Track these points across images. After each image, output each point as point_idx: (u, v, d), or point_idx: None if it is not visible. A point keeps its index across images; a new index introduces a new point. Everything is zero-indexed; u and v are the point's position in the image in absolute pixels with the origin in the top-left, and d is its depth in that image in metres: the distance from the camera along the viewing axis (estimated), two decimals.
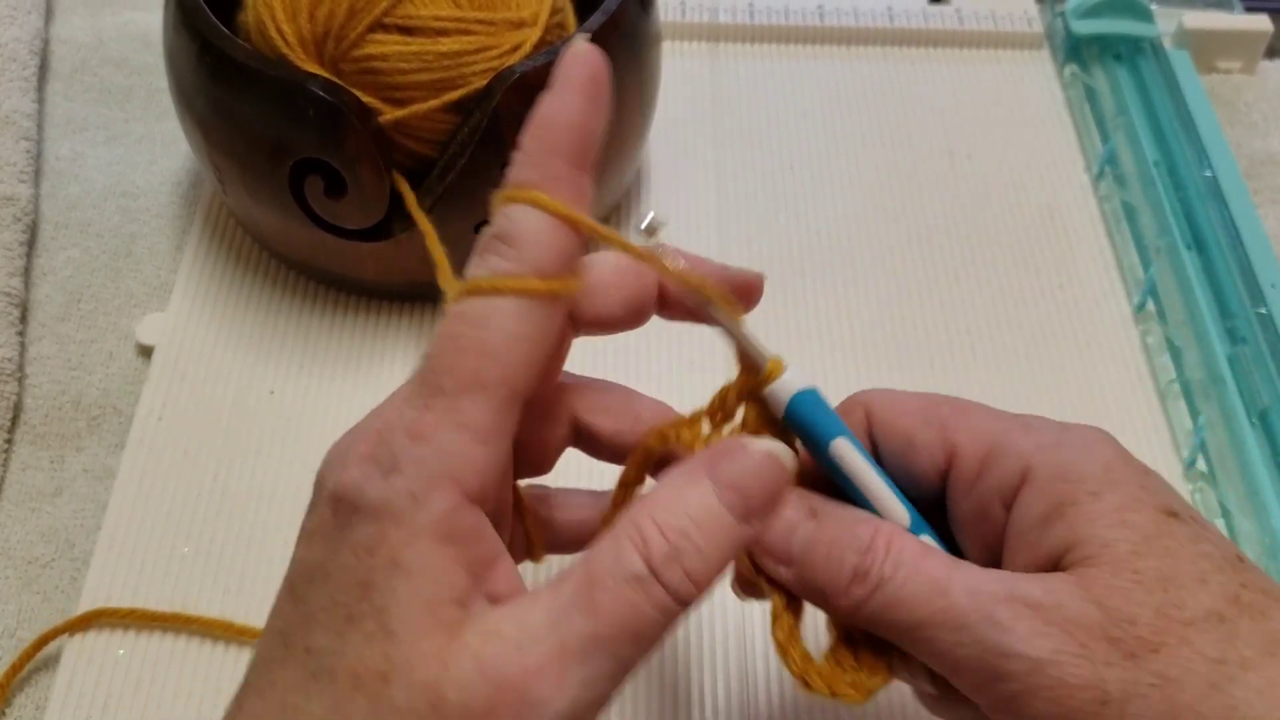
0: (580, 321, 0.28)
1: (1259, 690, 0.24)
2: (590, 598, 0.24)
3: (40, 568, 0.43)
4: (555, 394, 0.31)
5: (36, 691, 0.40)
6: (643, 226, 0.28)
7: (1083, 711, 0.25)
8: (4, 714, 0.40)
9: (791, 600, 0.29)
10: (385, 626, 0.24)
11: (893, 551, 0.27)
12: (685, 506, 0.26)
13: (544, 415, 0.30)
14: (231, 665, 0.39)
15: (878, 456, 0.30)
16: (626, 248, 0.28)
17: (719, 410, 0.30)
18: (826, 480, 0.30)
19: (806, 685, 0.29)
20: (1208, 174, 0.54)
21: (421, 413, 0.25)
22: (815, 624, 0.30)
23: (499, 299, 0.25)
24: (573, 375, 0.31)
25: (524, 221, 0.26)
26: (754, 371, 0.29)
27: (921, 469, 0.30)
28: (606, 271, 0.28)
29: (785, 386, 0.29)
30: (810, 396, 0.29)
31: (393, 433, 0.25)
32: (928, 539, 0.29)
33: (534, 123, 0.26)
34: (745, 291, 0.31)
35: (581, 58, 0.26)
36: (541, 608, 0.25)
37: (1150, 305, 0.51)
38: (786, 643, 0.29)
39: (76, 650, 0.40)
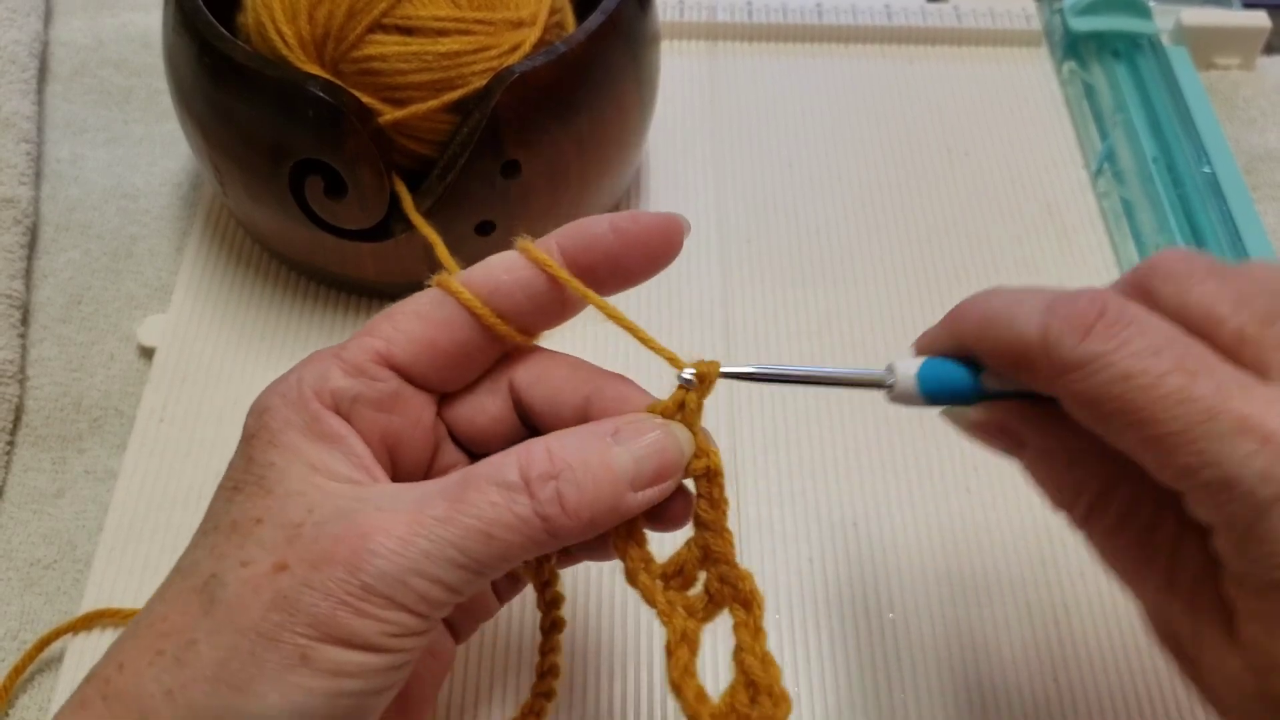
0: (507, 320, 0.31)
1: None
2: (458, 489, 0.27)
3: (42, 569, 0.43)
4: (496, 366, 0.32)
5: (39, 693, 0.40)
6: (686, 375, 0.30)
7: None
8: (7, 715, 0.40)
9: (686, 635, 0.29)
10: (264, 487, 0.28)
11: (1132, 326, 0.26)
12: (581, 448, 0.28)
13: (479, 386, 0.32)
14: None
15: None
16: (596, 301, 0.31)
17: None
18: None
19: None
20: (1206, 170, 0.54)
21: (325, 348, 0.31)
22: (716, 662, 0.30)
23: (434, 289, 0.30)
24: (532, 346, 0.32)
25: (502, 256, 0.31)
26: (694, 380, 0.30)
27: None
28: (498, 270, 0.30)
29: (909, 387, 0.30)
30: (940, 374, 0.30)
31: (303, 360, 0.31)
32: None
33: (581, 224, 0.31)
34: (661, 244, 0.31)
35: (670, 224, 0.31)
36: (412, 489, 0.28)
37: None
38: (680, 681, 0.29)
39: (79, 651, 0.40)
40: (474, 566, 0.27)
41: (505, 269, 0.30)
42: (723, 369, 0.30)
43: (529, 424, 0.32)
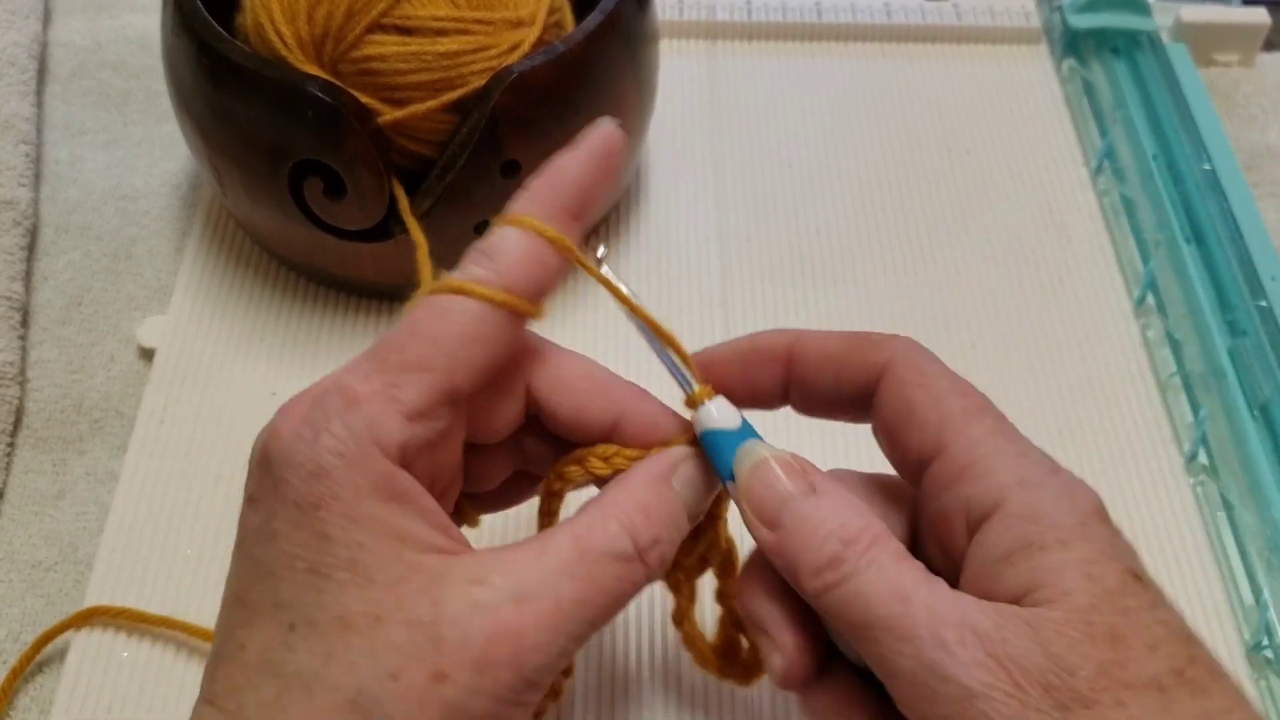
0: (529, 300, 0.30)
1: None
2: (583, 568, 0.27)
3: (43, 571, 0.43)
4: (512, 365, 0.31)
5: (41, 694, 0.40)
6: (599, 254, 0.30)
7: None
8: (8, 716, 0.40)
9: (688, 602, 0.35)
10: (362, 574, 0.25)
11: (874, 549, 0.27)
12: (660, 504, 0.29)
13: (496, 387, 0.31)
14: None
15: (876, 408, 0.31)
16: (606, 283, 0.31)
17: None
18: None
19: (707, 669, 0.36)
20: (1206, 167, 0.54)
21: (360, 382, 0.27)
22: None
23: (464, 299, 0.28)
24: (537, 338, 0.32)
25: (505, 240, 0.29)
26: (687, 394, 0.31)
27: (910, 447, 0.30)
28: (519, 261, 0.29)
29: (701, 420, 0.31)
30: (711, 439, 0.30)
31: (328, 396, 0.27)
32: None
33: (545, 170, 0.30)
34: (603, 155, 0.30)
35: (604, 133, 0.30)
36: (531, 567, 0.27)
37: (1150, 299, 0.51)
38: (693, 636, 0.35)
39: (80, 651, 0.40)
40: (598, 629, 0.28)
41: (525, 252, 0.29)
42: (598, 253, 0.31)
43: (541, 422, 0.32)
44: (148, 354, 0.48)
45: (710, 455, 0.31)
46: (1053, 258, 0.53)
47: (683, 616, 0.35)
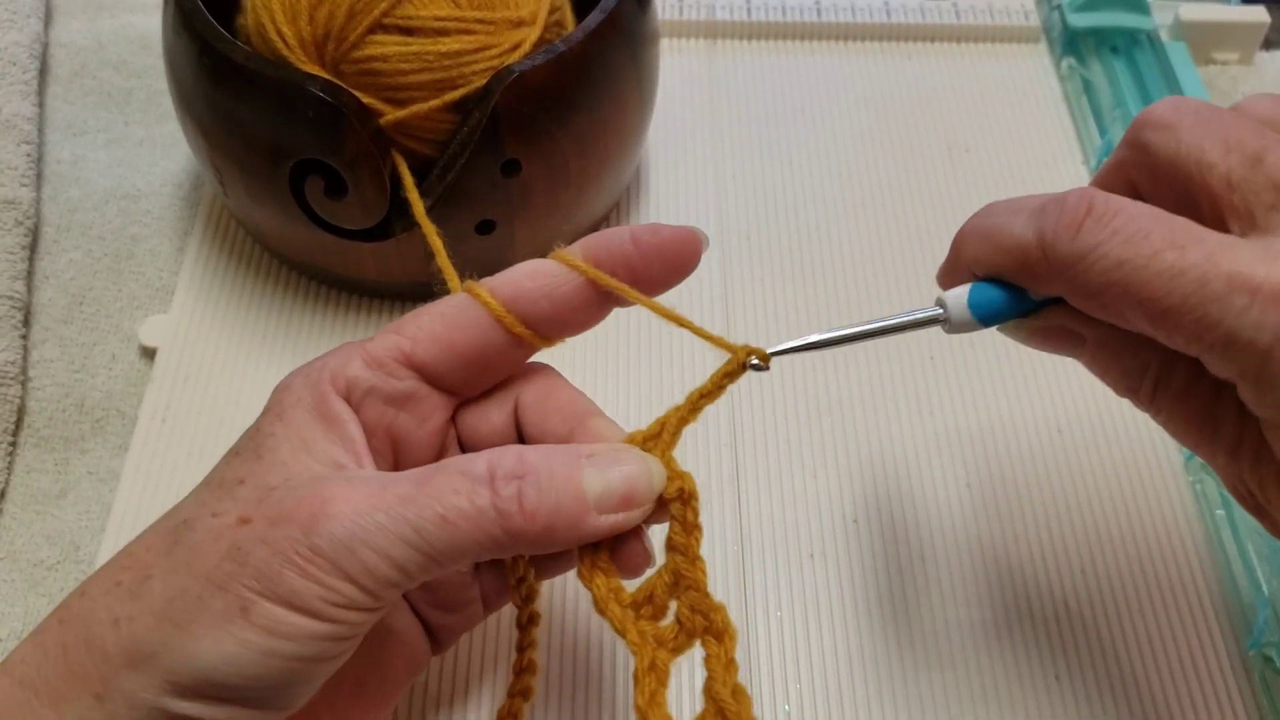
0: (530, 326, 0.32)
1: None
2: (425, 474, 0.28)
3: (46, 570, 0.43)
4: (506, 378, 0.33)
5: None
6: (754, 362, 0.31)
7: None
8: None
9: (655, 665, 0.29)
10: (256, 453, 0.29)
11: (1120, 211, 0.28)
12: (551, 459, 0.29)
13: (490, 397, 0.33)
14: None
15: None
16: (636, 297, 0.32)
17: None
18: None
19: None
20: None
21: (357, 340, 0.32)
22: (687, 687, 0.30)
23: (461, 294, 0.32)
24: (539, 365, 0.34)
25: (526, 263, 0.32)
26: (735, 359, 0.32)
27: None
28: (521, 277, 0.31)
29: (960, 317, 0.32)
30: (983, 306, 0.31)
31: (332, 349, 0.32)
32: None
33: (610, 232, 0.32)
34: (678, 257, 0.32)
35: (688, 238, 0.32)
36: (388, 474, 0.29)
37: None
38: (647, 709, 0.28)
39: None
40: (426, 549, 0.27)
41: (529, 275, 0.31)
42: (776, 349, 0.31)
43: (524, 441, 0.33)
44: (149, 353, 0.49)
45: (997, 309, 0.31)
46: None
47: (638, 685, 0.28)
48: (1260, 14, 0.62)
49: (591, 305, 0.32)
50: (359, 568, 0.27)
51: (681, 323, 0.32)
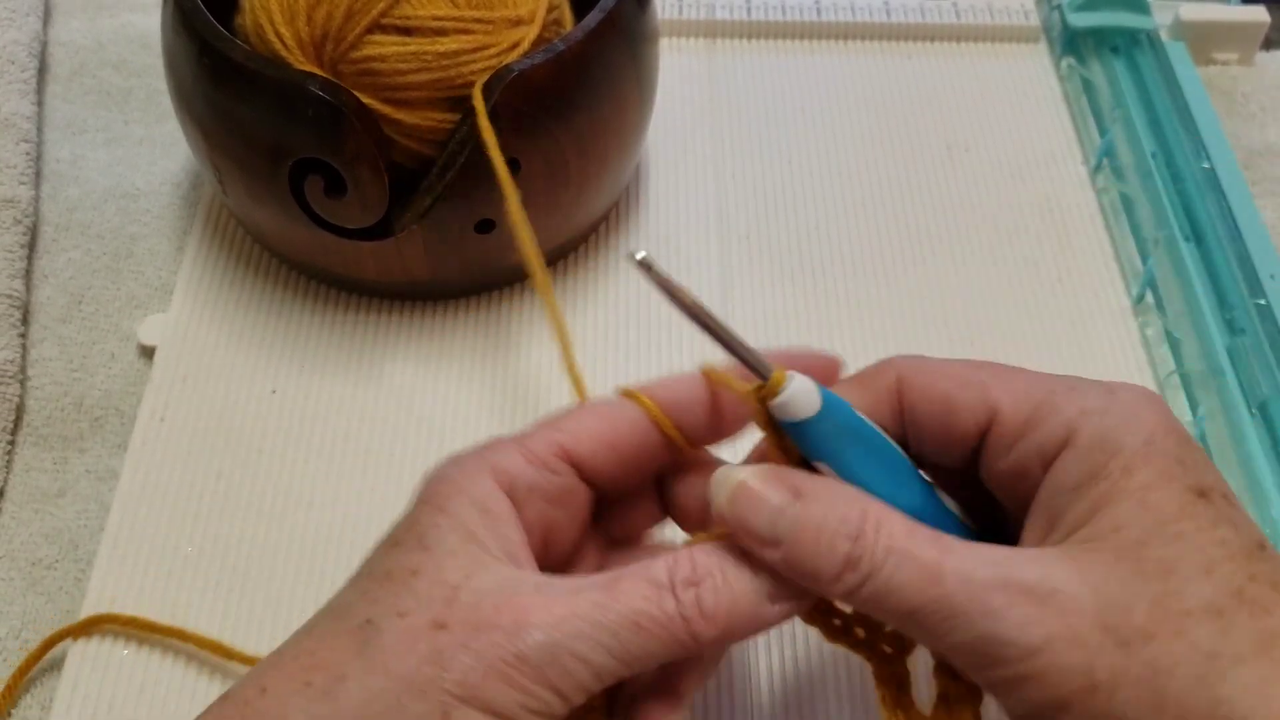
0: (684, 431, 0.32)
1: (1247, 686, 0.24)
2: (611, 581, 0.28)
3: (44, 569, 0.43)
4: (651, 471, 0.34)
5: (42, 692, 0.40)
6: (639, 257, 0.30)
7: (1072, 697, 0.25)
8: (9, 715, 0.40)
9: (886, 662, 0.31)
10: (422, 544, 0.29)
11: (882, 535, 0.27)
12: (723, 559, 0.29)
13: (639, 489, 0.34)
14: (236, 670, 0.40)
15: (907, 419, 0.31)
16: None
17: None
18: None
19: None
20: (1205, 165, 0.54)
21: (508, 436, 0.32)
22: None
23: (619, 398, 0.32)
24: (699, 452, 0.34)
25: (683, 375, 0.32)
26: (760, 383, 0.30)
27: (962, 429, 0.30)
28: (679, 386, 0.32)
29: (779, 409, 0.30)
30: (797, 427, 0.30)
31: (481, 443, 0.32)
32: (913, 521, 0.29)
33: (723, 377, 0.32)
34: (824, 376, 0.32)
35: (825, 361, 0.33)
36: (567, 579, 0.29)
37: (1149, 297, 0.51)
38: (890, 716, 0.31)
39: (80, 654, 0.40)
40: (621, 654, 0.27)
41: (686, 385, 0.32)
42: (636, 256, 0.30)
43: (675, 519, 0.34)
44: (148, 352, 0.49)
45: (795, 441, 0.30)
46: (1051, 255, 0.53)
47: (881, 699, 0.31)
48: (1260, 14, 0.62)
49: (736, 418, 0.32)
50: (561, 674, 0.27)
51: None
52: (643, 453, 0.32)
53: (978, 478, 0.31)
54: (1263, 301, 0.49)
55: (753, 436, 0.32)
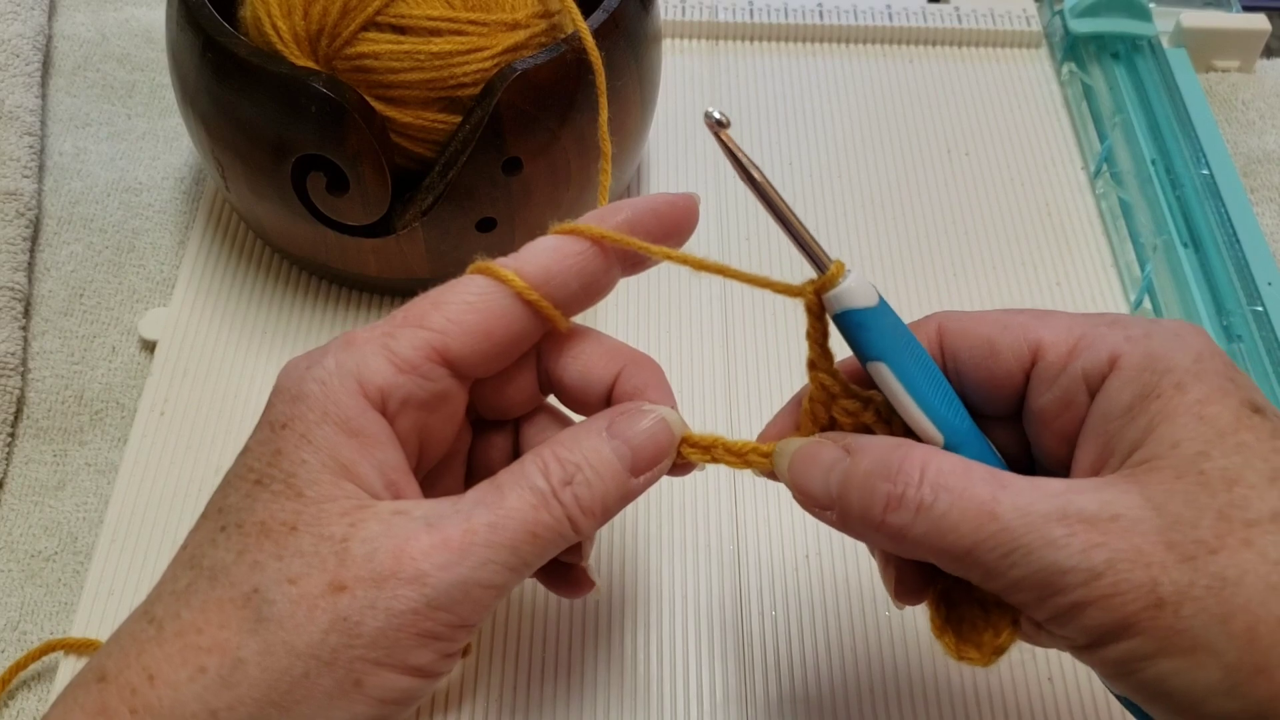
0: (557, 306, 0.31)
1: None
2: (496, 497, 0.27)
3: (43, 561, 0.43)
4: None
5: (42, 691, 0.40)
6: (715, 116, 0.29)
7: (1138, 616, 0.25)
8: (6, 709, 0.40)
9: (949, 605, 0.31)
10: (294, 488, 0.27)
11: (929, 475, 0.27)
12: (581, 448, 0.29)
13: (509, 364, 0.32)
14: None
15: (949, 368, 0.31)
16: (621, 240, 0.31)
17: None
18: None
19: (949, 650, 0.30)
20: (1204, 172, 0.54)
21: (364, 330, 0.29)
22: None
23: (479, 276, 0.30)
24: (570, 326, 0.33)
25: (537, 240, 0.31)
26: (813, 283, 0.30)
27: (1006, 369, 0.30)
28: (544, 256, 0.30)
29: (838, 299, 0.29)
30: (853, 317, 0.29)
31: (335, 339, 0.29)
32: (970, 459, 0.29)
33: (607, 208, 0.31)
34: (674, 223, 0.32)
35: (683, 201, 0.33)
36: (448, 503, 0.27)
37: (1147, 303, 0.51)
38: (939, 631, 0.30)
39: (73, 666, 0.40)
40: (519, 566, 0.27)
41: (552, 254, 0.30)
42: (713, 114, 0.30)
43: (556, 396, 0.33)
44: (149, 346, 0.49)
45: (852, 336, 0.30)
46: (1051, 260, 0.53)
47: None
48: (1261, 21, 0.62)
49: (607, 278, 0.31)
50: (472, 608, 0.26)
51: (722, 271, 0.32)
52: (517, 336, 0.30)
53: (1018, 431, 0.31)
54: (1260, 308, 0.49)
55: (756, 420, 0.32)
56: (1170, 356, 0.27)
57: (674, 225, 0.32)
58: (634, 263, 0.32)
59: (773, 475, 0.31)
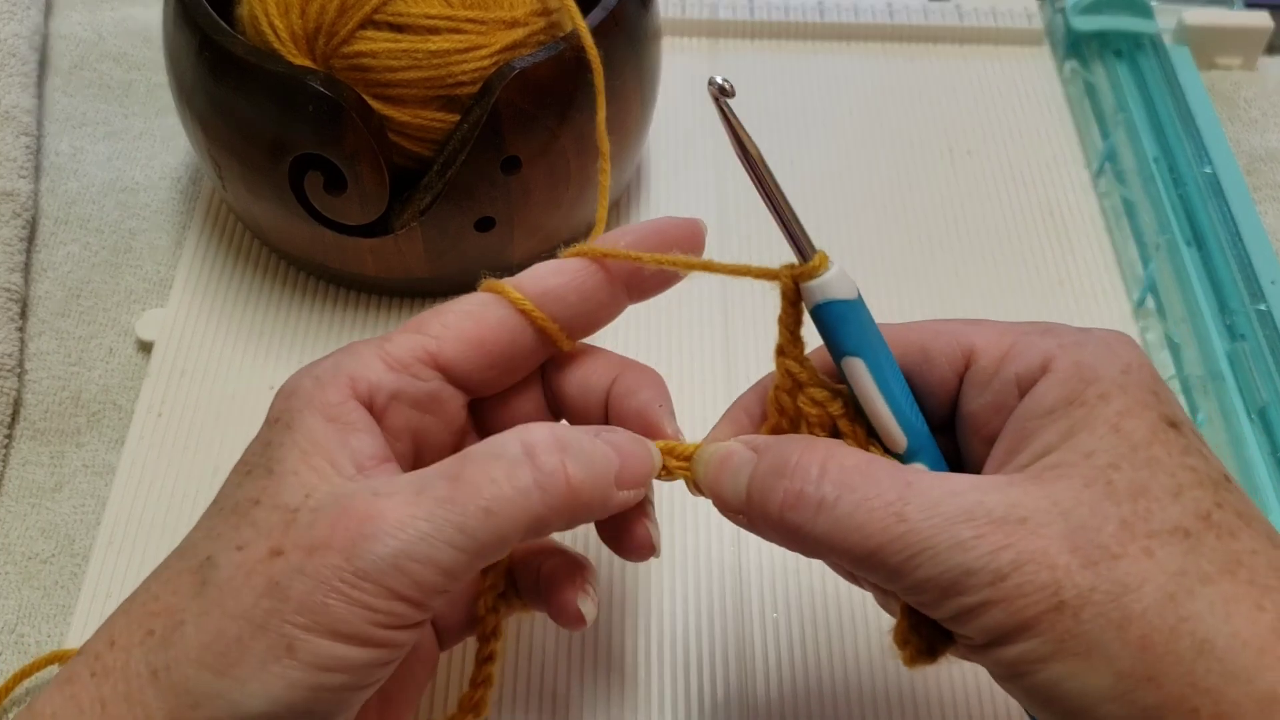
0: (557, 323, 0.32)
1: (1212, 604, 0.24)
2: (456, 466, 0.27)
3: (40, 563, 0.43)
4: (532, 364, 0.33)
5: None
6: (720, 82, 0.30)
7: (1038, 618, 0.25)
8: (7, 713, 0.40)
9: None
10: (268, 468, 0.28)
11: (830, 471, 0.27)
12: (578, 435, 0.29)
13: (515, 389, 0.33)
14: None
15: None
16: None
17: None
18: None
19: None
20: (1207, 170, 0.54)
21: (367, 338, 0.31)
22: None
23: (483, 292, 0.31)
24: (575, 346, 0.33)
25: (545, 262, 0.32)
26: (793, 267, 0.30)
27: (940, 375, 0.30)
28: (546, 274, 0.31)
29: (821, 288, 0.29)
30: (833, 309, 0.29)
31: (340, 348, 0.31)
32: (919, 465, 0.29)
33: (615, 233, 0.32)
34: (678, 244, 0.32)
35: (688, 224, 0.33)
36: (414, 475, 0.27)
37: (1150, 302, 0.51)
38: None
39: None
40: (472, 547, 0.26)
41: (554, 272, 0.31)
42: (716, 80, 0.31)
43: (562, 414, 0.33)
44: (146, 347, 0.48)
45: (826, 329, 0.29)
46: (1053, 259, 0.53)
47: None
48: (1264, 19, 0.62)
49: (611, 301, 0.32)
50: (407, 583, 0.26)
51: (706, 266, 0.32)
52: (515, 350, 0.31)
53: (951, 441, 0.31)
54: (1263, 307, 0.48)
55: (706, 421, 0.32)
56: (1099, 366, 0.27)
57: (679, 246, 0.32)
58: (642, 289, 0.32)
59: (697, 488, 0.31)
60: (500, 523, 0.26)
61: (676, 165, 0.56)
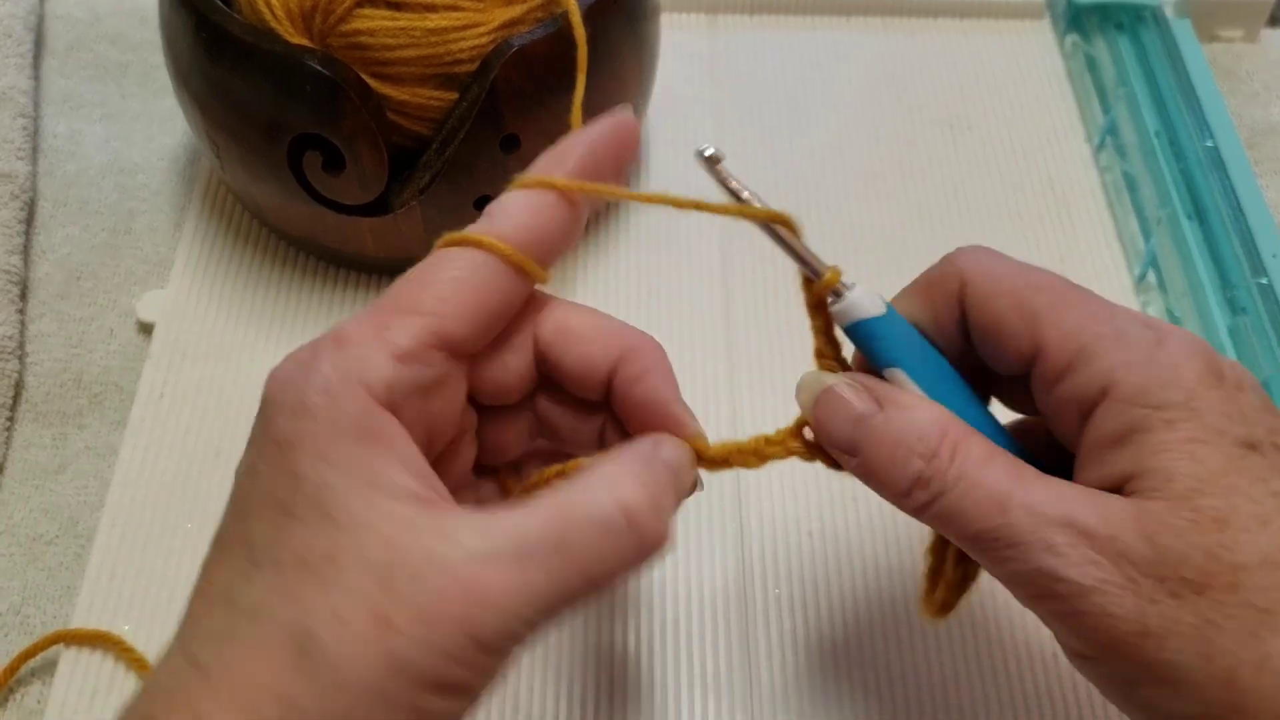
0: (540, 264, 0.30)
1: None
2: (559, 533, 0.26)
3: (44, 545, 0.43)
4: (518, 320, 0.31)
5: (42, 683, 0.40)
6: (707, 154, 0.30)
7: (1124, 640, 0.25)
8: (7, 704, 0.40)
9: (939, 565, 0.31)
10: (325, 514, 0.25)
11: (958, 459, 0.28)
12: (653, 473, 0.28)
13: (502, 343, 0.31)
14: None
15: (968, 326, 0.31)
16: (612, 193, 0.30)
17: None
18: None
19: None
20: (1209, 144, 0.54)
21: (353, 325, 0.27)
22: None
23: (460, 248, 0.28)
24: (545, 295, 0.32)
25: (505, 199, 0.30)
26: (813, 283, 0.31)
27: (1008, 355, 0.30)
28: (519, 215, 0.29)
29: (846, 312, 0.30)
30: (863, 328, 0.30)
31: (323, 339, 0.27)
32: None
33: (552, 146, 0.30)
34: (618, 146, 0.31)
35: (617, 116, 0.31)
36: (504, 528, 0.26)
37: (1151, 276, 0.51)
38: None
39: (73, 660, 0.40)
40: (575, 603, 0.26)
41: (531, 213, 0.29)
42: (705, 153, 0.31)
43: (550, 377, 0.32)
44: (147, 328, 0.48)
45: (864, 345, 0.30)
46: (1054, 234, 0.53)
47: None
48: None
49: (578, 225, 0.31)
50: (519, 645, 0.26)
51: (698, 205, 0.31)
52: (509, 304, 0.29)
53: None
54: (1265, 281, 0.48)
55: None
56: (1163, 390, 0.27)
57: (623, 148, 0.31)
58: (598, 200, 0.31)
59: (808, 455, 0.31)
60: (599, 585, 0.26)
61: (675, 142, 0.55)
